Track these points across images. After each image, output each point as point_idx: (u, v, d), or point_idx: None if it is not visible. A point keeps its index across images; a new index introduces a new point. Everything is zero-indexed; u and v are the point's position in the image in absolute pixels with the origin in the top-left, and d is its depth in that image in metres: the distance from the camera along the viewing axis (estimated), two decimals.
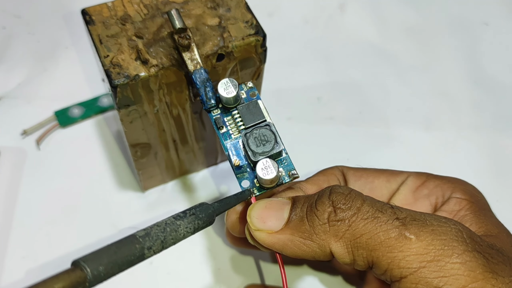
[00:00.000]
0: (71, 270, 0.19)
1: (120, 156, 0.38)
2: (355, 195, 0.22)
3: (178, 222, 0.21)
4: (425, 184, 0.27)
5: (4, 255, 0.33)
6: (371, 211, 0.21)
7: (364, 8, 0.49)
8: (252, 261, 0.34)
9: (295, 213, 0.23)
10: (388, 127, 0.41)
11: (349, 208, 0.21)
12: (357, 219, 0.21)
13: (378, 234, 0.20)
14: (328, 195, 0.22)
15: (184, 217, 0.22)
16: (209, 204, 0.23)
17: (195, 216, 0.22)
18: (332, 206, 0.22)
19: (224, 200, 0.24)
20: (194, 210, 0.22)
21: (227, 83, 0.25)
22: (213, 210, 0.23)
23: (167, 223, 0.21)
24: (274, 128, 0.25)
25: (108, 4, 0.28)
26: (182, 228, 0.21)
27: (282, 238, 0.22)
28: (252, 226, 0.23)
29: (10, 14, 0.45)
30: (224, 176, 0.38)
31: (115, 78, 0.25)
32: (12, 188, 0.36)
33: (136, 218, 0.35)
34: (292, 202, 0.23)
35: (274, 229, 0.23)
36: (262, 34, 0.28)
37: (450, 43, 0.47)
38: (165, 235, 0.21)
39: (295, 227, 0.22)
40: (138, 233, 0.21)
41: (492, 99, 0.43)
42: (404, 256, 0.20)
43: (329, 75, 0.44)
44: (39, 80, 0.42)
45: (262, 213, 0.23)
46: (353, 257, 0.21)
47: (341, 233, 0.21)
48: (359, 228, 0.21)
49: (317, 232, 0.22)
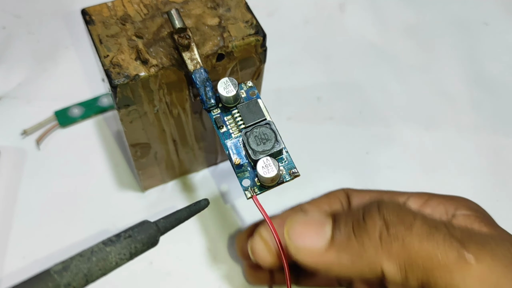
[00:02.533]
0: None
1: (120, 156, 0.38)
2: (406, 209, 0.20)
3: (108, 249, 0.19)
4: (428, 203, 0.26)
5: (4, 255, 0.33)
6: (425, 227, 0.20)
7: (364, 8, 0.49)
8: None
9: (339, 229, 0.21)
10: (388, 127, 0.41)
11: (401, 223, 0.20)
12: (412, 235, 0.19)
13: (436, 254, 0.19)
14: (378, 209, 0.20)
15: (117, 241, 0.19)
16: (151, 223, 0.21)
17: (131, 239, 0.19)
18: (383, 220, 0.20)
19: (173, 215, 0.21)
20: (131, 232, 0.20)
21: (226, 82, 0.25)
22: (156, 229, 0.20)
23: (94, 251, 0.19)
24: (274, 126, 0.25)
25: (108, 4, 0.28)
26: (114, 255, 0.19)
27: (328, 258, 0.21)
28: (292, 246, 0.21)
29: (10, 14, 0.45)
30: (224, 176, 0.38)
31: (115, 78, 0.25)
32: (12, 188, 0.36)
33: (136, 218, 0.35)
34: (333, 219, 0.22)
35: (317, 248, 0.21)
36: (262, 34, 0.28)
37: (450, 43, 0.47)
38: (90, 266, 0.18)
39: (341, 245, 0.20)
40: (54, 267, 0.18)
41: (492, 99, 0.43)
42: (464, 280, 0.19)
43: (329, 75, 0.44)
44: (39, 80, 0.42)
45: (301, 230, 0.21)
46: (405, 277, 0.20)
47: (395, 251, 0.19)
48: (414, 246, 0.19)
49: (367, 250, 0.20)
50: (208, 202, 0.23)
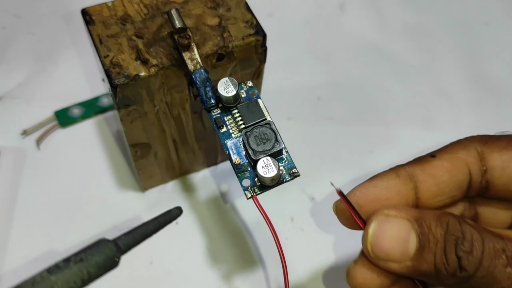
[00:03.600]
0: None
1: (120, 156, 0.38)
2: (476, 251, 0.20)
3: (54, 277, 0.16)
4: None
5: (4, 255, 0.33)
6: (487, 262, 0.20)
7: (364, 8, 0.49)
8: (252, 261, 0.34)
9: (422, 254, 0.20)
10: (388, 127, 0.41)
11: (472, 269, 0.20)
12: (476, 277, 0.20)
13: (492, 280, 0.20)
14: (455, 249, 0.20)
15: (64, 267, 0.16)
16: (109, 241, 0.17)
17: (83, 264, 0.16)
18: (459, 264, 0.20)
19: (137, 230, 0.19)
20: (83, 255, 0.17)
21: (227, 82, 0.25)
22: (114, 249, 0.17)
23: (36, 281, 0.16)
24: (274, 126, 0.25)
25: (108, 4, 0.28)
26: (60, 285, 0.16)
27: (410, 268, 0.21)
28: (375, 258, 0.21)
29: (10, 14, 0.45)
30: (224, 175, 0.38)
31: (115, 78, 0.25)
32: (12, 188, 0.36)
33: (136, 218, 0.35)
34: (416, 233, 0.21)
35: (399, 261, 0.21)
36: (262, 34, 0.28)
37: (450, 43, 0.47)
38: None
39: (421, 266, 0.21)
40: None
41: (492, 99, 0.43)
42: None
43: (329, 75, 0.44)
44: (39, 80, 0.42)
45: (383, 245, 0.21)
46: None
47: (458, 285, 0.20)
48: (476, 282, 0.20)
49: (439, 277, 0.20)
50: (181, 210, 0.20)
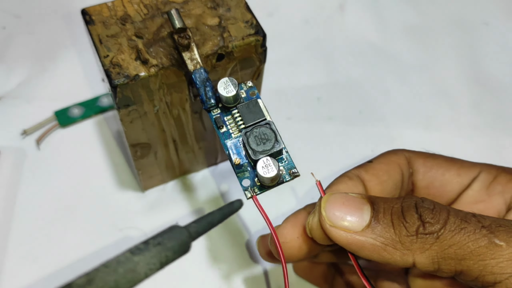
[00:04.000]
0: None
1: (120, 156, 0.38)
2: (441, 209, 0.22)
3: (136, 258, 0.17)
4: (497, 180, 0.26)
5: (4, 255, 0.33)
6: (457, 222, 0.21)
7: (364, 8, 0.49)
8: (252, 261, 0.34)
9: (377, 217, 0.22)
10: (388, 127, 0.41)
11: (437, 222, 0.21)
12: (445, 231, 0.21)
13: (467, 244, 0.21)
14: (415, 209, 0.22)
15: (145, 250, 0.17)
16: (182, 228, 0.19)
17: (161, 247, 0.18)
18: (421, 220, 0.22)
19: (204, 219, 0.20)
20: (161, 239, 0.18)
21: (226, 82, 0.25)
22: (188, 235, 0.19)
23: (120, 261, 0.17)
24: (274, 126, 0.25)
25: (108, 4, 0.28)
26: (142, 265, 0.17)
27: (362, 240, 0.22)
28: (328, 222, 0.22)
29: (10, 14, 0.45)
30: (224, 175, 0.38)
31: (115, 78, 0.25)
32: (12, 188, 0.36)
33: (136, 218, 0.35)
34: (371, 204, 0.23)
35: (354, 229, 0.22)
36: (262, 34, 0.28)
37: (450, 43, 0.47)
38: (117, 279, 0.16)
39: (379, 233, 0.22)
40: (78, 281, 0.16)
41: (492, 99, 0.43)
42: (496, 262, 0.20)
43: (329, 75, 0.44)
44: (39, 80, 0.42)
45: (340, 209, 0.22)
46: (438, 267, 0.21)
47: (428, 245, 0.21)
48: (447, 240, 0.21)
49: (403, 242, 0.22)
50: (242, 203, 0.21)
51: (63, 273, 0.33)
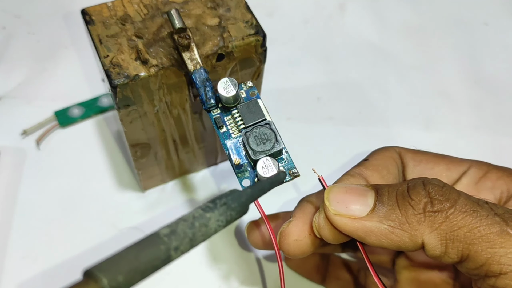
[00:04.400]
0: (83, 282, 0.15)
1: (120, 156, 0.38)
2: (451, 188, 0.21)
3: (208, 215, 0.18)
4: (487, 176, 0.26)
5: (4, 255, 0.33)
6: (469, 204, 0.20)
7: (364, 8, 0.49)
8: (252, 261, 0.34)
9: (381, 200, 0.22)
10: (388, 127, 0.41)
11: (446, 200, 0.21)
12: (455, 211, 0.20)
13: (479, 228, 0.20)
14: (423, 186, 0.21)
15: (214, 208, 0.19)
16: (241, 191, 0.20)
17: (226, 207, 0.19)
18: (429, 197, 0.21)
19: (257, 186, 0.21)
20: (226, 199, 0.20)
21: (226, 82, 0.25)
22: (246, 198, 0.20)
23: (195, 216, 0.18)
24: (274, 126, 0.25)
25: (108, 4, 0.28)
26: (213, 221, 0.19)
27: (368, 225, 0.21)
28: (332, 211, 0.22)
29: (10, 14, 0.45)
30: (224, 176, 0.38)
31: (115, 78, 0.25)
32: (12, 188, 0.36)
33: (136, 218, 0.35)
34: (375, 190, 0.22)
35: (358, 215, 0.21)
36: (262, 34, 0.28)
37: (450, 43, 0.47)
38: (194, 232, 0.18)
39: (384, 215, 0.21)
40: (162, 230, 0.18)
41: (492, 99, 0.43)
42: (506, 252, 0.19)
43: (329, 75, 0.44)
44: (39, 80, 0.42)
45: (343, 198, 0.22)
46: (445, 250, 0.20)
47: (437, 224, 0.20)
48: (457, 221, 0.20)
49: (410, 222, 0.21)
50: (286, 174, 0.23)
51: (63, 273, 0.33)
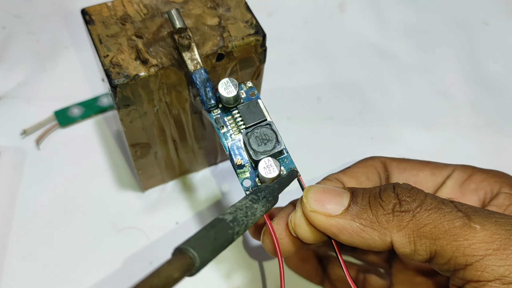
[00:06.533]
0: (180, 257, 0.18)
1: (120, 156, 0.38)
2: (418, 190, 0.23)
3: (255, 206, 0.21)
4: (472, 178, 0.27)
5: (4, 255, 0.33)
6: (434, 203, 0.22)
7: (364, 8, 0.49)
8: (251, 261, 0.34)
9: (355, 201, 0.23)
10: (388, 127, 0.41)
11: (413, 201, 0.22)
12: (421, 210, 0.22)
13: (443, 223, 0.21)
14: (393, 189, 0.23)
15: (258, 200, 0.22)
16: (274, 186, 0.23)
17: (266, 200, 0.22)
18: (397, 198, 0.22)
19: (279, 180, 0.24)
20: (265, 193, 0.22)
21: (227, 83, 0.25)
22: (277, 192, 0.23)
23: (247, 206, 0.21)
24: (275, 127, 0.25)
25: (108, 4, 0.28)
26: (259, 211, 0.21)
27: (341, 222, 0.23)
28: (309, 208, 0.23)
29: (10, 14, 0.45)
30: (224, 175, 0.38)
31: (115, 78, 0.25)
32: (12, 188, 0.36)
33: (136, 218, 0.35)
34: (350, 192, 0.24)
35: (333, 213, 0.23)
36: (262, 34, 0.28)
37: (450, 43, 0.47)
38: (248, 219, 0.21)
39: (357, 214, 0.23)
40: (226, 217, 0.20)
41: (492, 99, 0.43)
42: (469, 244, 0.20)
43: (329, 75, 0.44)
44: (39, 80, 0.42)
45: (321, 197, 0.23)
46: (414, 247, 0.22)
47: (405, 223, 0.22)
48: (423, 218, 0.21)
49: (380, 221, 0.22)
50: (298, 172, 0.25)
51: (63, 273, 0.33)
